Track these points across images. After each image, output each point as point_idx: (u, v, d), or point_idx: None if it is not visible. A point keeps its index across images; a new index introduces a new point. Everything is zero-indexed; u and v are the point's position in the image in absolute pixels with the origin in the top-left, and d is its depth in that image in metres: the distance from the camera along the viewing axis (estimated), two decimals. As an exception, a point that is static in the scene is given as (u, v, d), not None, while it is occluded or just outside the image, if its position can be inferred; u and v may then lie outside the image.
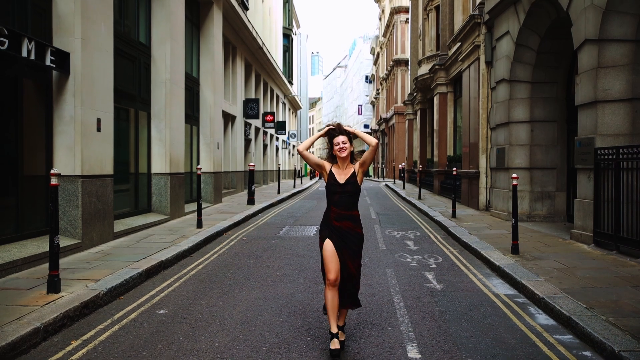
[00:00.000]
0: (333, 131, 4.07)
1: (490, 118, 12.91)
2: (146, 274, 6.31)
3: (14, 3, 6.80)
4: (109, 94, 8.33)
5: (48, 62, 6.84)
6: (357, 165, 4.07)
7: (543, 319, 4.88)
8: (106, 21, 8.25)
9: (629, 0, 7.48)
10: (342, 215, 3.99)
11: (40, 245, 6.76)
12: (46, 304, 4.71)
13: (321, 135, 4.21)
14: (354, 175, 4.02)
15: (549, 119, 11.29)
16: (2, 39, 5.96)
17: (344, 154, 3.98)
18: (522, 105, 11.35)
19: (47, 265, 5.75)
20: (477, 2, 13.85)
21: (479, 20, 13.35)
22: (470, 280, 6.39)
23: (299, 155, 4.24)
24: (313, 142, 4.23)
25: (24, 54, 6.40)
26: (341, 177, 4.02)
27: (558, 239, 8.70)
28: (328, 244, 3.96)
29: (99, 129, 7.93)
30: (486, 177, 13.35)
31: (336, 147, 4.01)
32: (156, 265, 6.66)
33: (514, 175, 7.60)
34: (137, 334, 4.41)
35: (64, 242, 7.06)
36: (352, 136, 4.12)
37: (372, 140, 4.05)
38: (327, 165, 4.10)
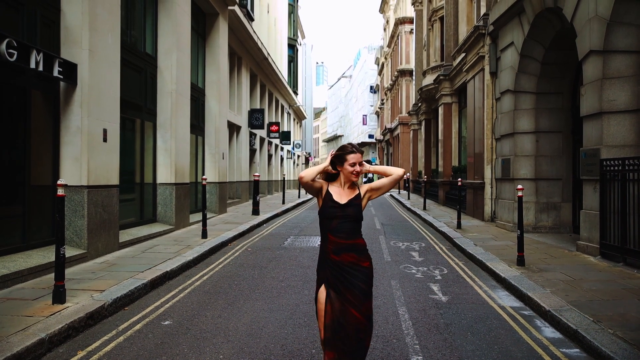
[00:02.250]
0: (343, 150, 3.29)
1: (495, 129, 12.90)
2: (151, 285, 6.31)
3: (24, 15, 6.88)
4: (115, 105, 8.40)
5: (56, 73, 6.91)
6: (364, 188, 3.35)
7: (549, 332, 4.84)
8: (113, 32, 8.34)
9: (634, 12, 7.50)
10: (342, 246, 3.18)
11: (46, 255, 6.79)
12: (51, 315, 4.72)
13: (327, 167, 3.34)
14: (358, 197, 3.26)
15: (554, 130, 11.27)
16: (11, 50, 6.03)
17: (357, 178, 3.28)
18: (527, 115, 11.35)
19: (52, 275, 5.76)
20: (482, 13, 13.91)
21: (483, 31, 13.41)
22: (476, 292, 6.35)
23: (303, 164, 3.59)
24: (318, 173, 3.31)
25: (33, 65, 6.47)
26: (342, 197, 3.24)
27: (564, 251, 8.65)
28: (321, 293, 3.25)
29: (105, 140, 7.99)
30: (491, 187, 13.31)
31: (352, 168, 3.21)
32: (161, 275, 6.67)
33: (519, 186, 7.61)
34: (142, 345, 4.40)
35: (69, 252, 7.09)
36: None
37: (397, 170, 3.35)
38: (324, 185, 3.31)
